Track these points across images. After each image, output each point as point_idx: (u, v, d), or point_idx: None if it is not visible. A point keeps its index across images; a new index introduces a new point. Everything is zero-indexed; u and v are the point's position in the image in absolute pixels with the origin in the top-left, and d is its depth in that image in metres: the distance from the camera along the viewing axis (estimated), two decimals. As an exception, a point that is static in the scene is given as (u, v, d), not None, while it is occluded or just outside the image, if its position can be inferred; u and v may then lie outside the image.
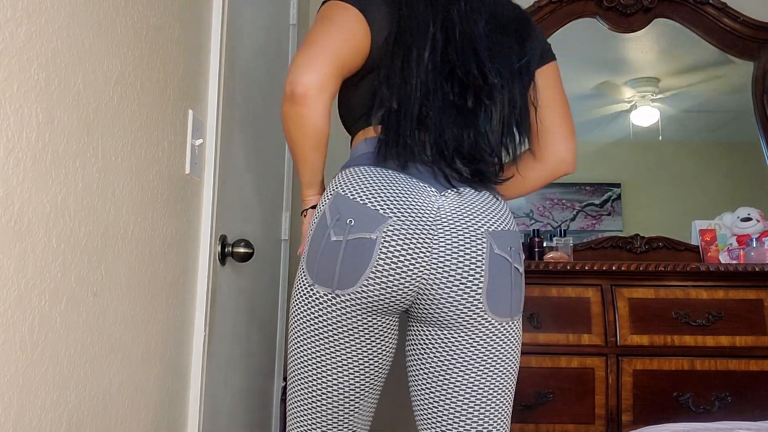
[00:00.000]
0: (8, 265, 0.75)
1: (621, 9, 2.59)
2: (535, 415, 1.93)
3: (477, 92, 1.14)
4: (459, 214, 1.09)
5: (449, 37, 1.15)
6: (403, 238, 1.06)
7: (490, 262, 1.09)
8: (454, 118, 1.13)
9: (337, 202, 1.11)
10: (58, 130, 0.84)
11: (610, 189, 2.58)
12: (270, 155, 1.91)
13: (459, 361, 1.11)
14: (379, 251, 1.06)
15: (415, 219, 1.07)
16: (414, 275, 1.07)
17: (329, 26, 1.14)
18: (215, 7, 1.40)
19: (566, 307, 1.98)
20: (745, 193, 2.53)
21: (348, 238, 1.07)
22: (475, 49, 1.15)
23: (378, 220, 1.07)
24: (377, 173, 1.12)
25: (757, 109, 2.55)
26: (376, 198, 1.08)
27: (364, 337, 1.10)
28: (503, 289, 1.10)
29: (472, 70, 1.13)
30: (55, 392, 0.85)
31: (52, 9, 0.82)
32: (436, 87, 1.12)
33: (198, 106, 1.33)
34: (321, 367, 1.12)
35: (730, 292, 1.98)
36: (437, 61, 1.13)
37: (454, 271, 1.07)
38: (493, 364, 1.11)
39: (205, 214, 1.37)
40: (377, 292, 1.07)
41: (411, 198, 1.09)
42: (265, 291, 1.89)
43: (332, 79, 1.10)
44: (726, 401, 1.91)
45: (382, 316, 1.10)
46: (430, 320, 1.12)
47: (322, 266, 1.09)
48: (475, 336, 1.10)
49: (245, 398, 1.70)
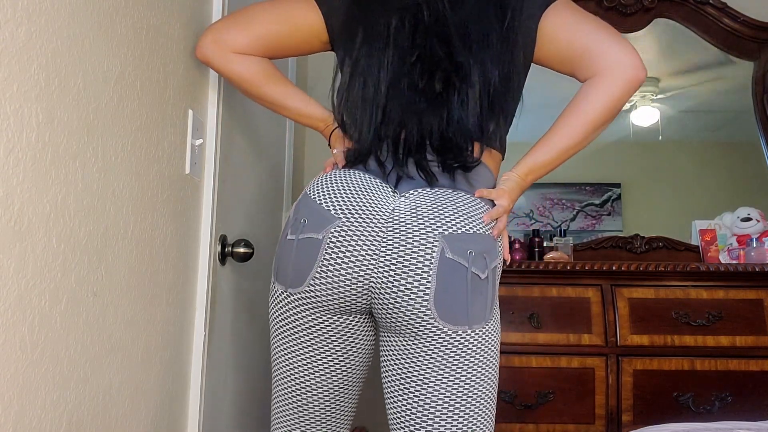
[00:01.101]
0: (8, 265, 0.75)
1: (621, 9, 2.59)
2: (535, 415, 1.93)
3: (446, 75, 1.06)
4: (412, 216, 1.04)
5: (417, 21, 1.10)
6: (349, 239, 1.04)
7: (440, 266, 1.02)
8: (423, 107, 1.07)
9: (300, 202, 1.12)
10: (58, 130, 0.84)
11: (610, 189, 2.58)
12: (270, 155, 1.91)
13: (418, 370, 1.05)
14: (324, 251, 1.05)
15: (365, 220, 1.05)
16: (360, 277, 1.04)
17: (273, 4, 1.21)
18: (215, 7, 1.40)
19: (566, 307, 1.98)
20: (745, 193, 2.53)
21: (299, 237, 1.07)
22: (445, 28, 1.08)
23: (327, 221, 1.06)
24: (342, 174, 1.11)
25: (757, 109, 2.55)
26: (331, 198, 1.08)
27: (321, 335, 1.09)
28: (457, 296, 1.02)
29: (437, 51, 1.07)
30: (55, 392, 0.85)
31: (52, 9, 0.82)
32: (401, 76, 1.08)
33: (198, 106, 1.33)
34: (288, 364, 1.13)
35: (730, 292, 1.98)
36: (404, 48, 1.08)
37: (399, 275, 1.03)
38: (456, 376, 1.03)
39: (205, 214, 1.37)
40: (323, 291, 1.05)
41: (365, 199, 1.06)
42: (265, 291, 1.89)
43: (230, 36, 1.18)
44: (726, 401, 1.91)
45: (339, 315, 1.08)
46: (388, 327, 1.08)
47: (280, 264, 1.11)
48: (428, 344, 1.03)
49: (245, 398, 1.70)
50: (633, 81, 1.07)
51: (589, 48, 1.09)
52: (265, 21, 1.19)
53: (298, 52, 1.27)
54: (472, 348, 1.04)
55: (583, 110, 1.09)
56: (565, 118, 1.11)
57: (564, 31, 1.12)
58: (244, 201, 1.64)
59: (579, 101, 1.11)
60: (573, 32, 1.12)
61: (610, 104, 1.08)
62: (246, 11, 1.21)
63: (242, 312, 1.65)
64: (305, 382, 1.13)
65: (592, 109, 1.09)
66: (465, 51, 1.07)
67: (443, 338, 1.03)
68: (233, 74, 1.21)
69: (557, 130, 1.12)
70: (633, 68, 1.07)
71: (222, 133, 1.42)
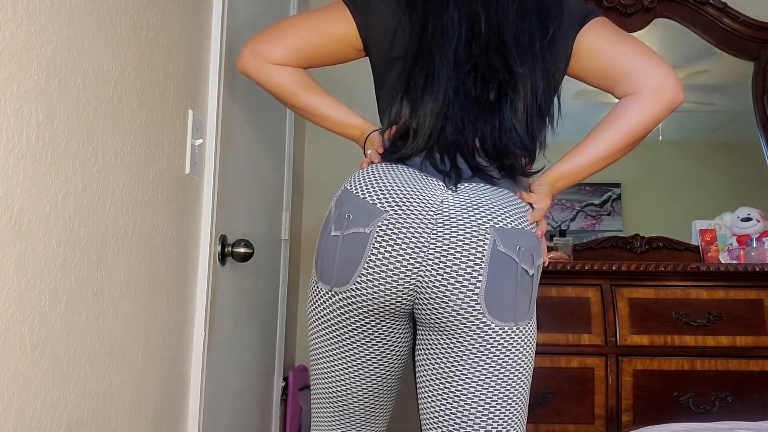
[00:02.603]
0: (8, 265, 0.75)
1: (621, 9, 2.59)
2: (534, 415, 1.93)
3: (500, 85, 1.10)
4: (463, 209, 1.04)
5: (474, 32, 1.11)
6: (397, 232, 1.03)
7: (492, 259, 1.02)
8: (476, 114, 1.09)
9: (342, 197, 1.10)
10: (58, 130, 0.84)
11: (609, 189, 2.58)
12: (270, 155, 1.91)
13: (458, 368, 1.04)
14: (372, 246, 1.03)
15: (413, 213, 1.03)
16: (408, 271, 1.03)
17: (307, 16, 1.23)
18: (215, 7, 1.40)
19: (566, 307, 1.98)
20: (745, 193, 2.53)
21: (345, 233, 1.05)
22: (502, 41, 1.10)
23: (374, 214, 1.04)
24: (385, 168, 1.10)
25: (757, 109, 2.55)
26: (376, 192, 1.06)
27: (366, 338, 1.08)
28: (506, 290, 1.03)
29: (495, 63, 1.09)
30: (55, 392, 0.85)
31: (52, 9, 0.82)
32: (458, 85, 1.10)
33: (198, 106, 1.33)
34: (327, 365, 1.12)
35: (730, 292, 1.98)
36: (460, 58, 1.10)
37: (450, 268, 1.02)
38: (495, 373, 1.03)
39: (205, 214, 1.37)
40: (369, 289, 1.03)
41: (413, 192, 1.05)
42: (265, 291, 1.89)
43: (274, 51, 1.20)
44: (726, 401, 1.91)
45: (381, 318, 1.07)
46: (431, 324, 1.06)
47: (324, 262, 1.08)
48: (473, 341, 1.03)
49: (245, 398, 1.70)
50: (673, 103, 1.11)
51: (634, 67, 1.13)
52: (300, 32, 1.22)
53: (334, 61, 1.28)
54: (515, 345, 1.04)
55: (621, 124, 1.13)
56: (602, 130, 1.14)
57: (606, 48, 1.16)
58: (244, 201, 1.64)
59: (618, 115, 1.13)
60: (615, 50, 1.15)
61: (649, 122, 1.12)
62: (282, 24, 1.25)
63: (242, 312, 1.65)
64: (345, 386, 1.12)
65: (633, 124, 1.12)
66: (519, 62, 1.10)
67: (488, 334, 1.03)
68: (270, 85, 1.23)
69: (592, 140, 1.15)
70: (675, 91, 1.11)
71: (222, 133, 1.42)
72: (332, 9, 1.22)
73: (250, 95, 1.67)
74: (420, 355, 1.11)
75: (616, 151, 1.14)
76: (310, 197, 2.58)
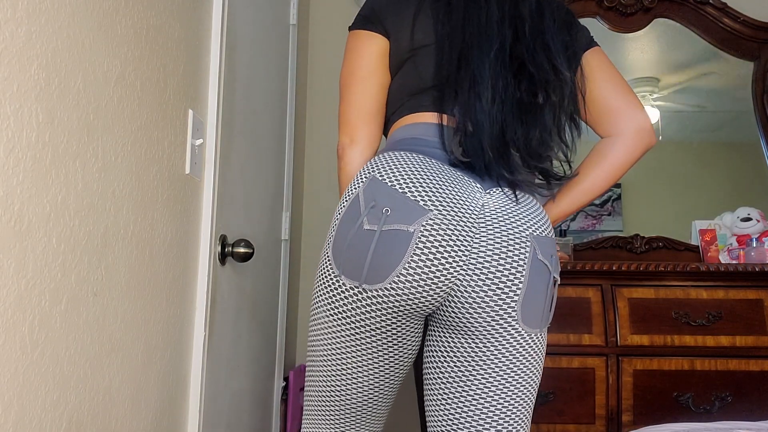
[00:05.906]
0: (8, 265, 0.75)
1: (621, 9, 2.59)
2: (535, 415, 1.93)
3: (545, 87, 1.09)
4: (504, 214, 1.03)
5: (518, 34, 1.10)
6: (443, 233, 0.99)
7: (532, 268, 1.02)
8: (520, 116, 1.08)
9: (372, 187, 1.04)
10: (58, 130, 0.84)
11: (610, 189, 2.58)
12: (270, 155, 1.91)
13: (481, 373, 1.03)
14: (414, 246, 0.98)
15: (458, 215, 1.00)
16: (448, 273, 1.00)
17: (350, 79, 1.18)
18: (215, 7, 1.40)
19: (566, 307, 1.98)
20: (745, 193, 2.53)
21: (383, 229, 0.99)
22: (546, 44, 1.10)
23: (417, 212, 0.99)
24: (420, 161, 1.05)
25: (757, 109, 2.55)
26: (417, 188, 1.01)
27: (387, 338, 1.05)
28: (539, 299, 1.03)
29: (544, 64, 1.09)
30: (55, 392, 0.85)
31: (52, 9, 0.82)
32: (504, 84, 1.08)
33: (198, 106, 1.33)
34: (341, 363, 1.07)
35: (730, 292, 1.98)
36: (505, 59, 1.09)
37: (492, 274, 1.00)
38: (517, 378, 1.04)
39: (205, 214, 1.37)
40: (407, 290, 0.99)
41: (455, 192, 1.02)
42: (265, 291, 1.89)
43: (363, 130, 1.15)
44: (726, 401, 1.91)
45: (406, 319, 1.04)
46: (455, 326, 1.04)
47: (351, 256, 1.02)
48: (501, 347, 1.02)
49: (245, 398, 1.70)
50: (649, 146, 1.20)
51: (619, 108, 1.19)
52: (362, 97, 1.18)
53: (389, 75, 1.23)
54: (538, 350, 1.06)
55: (606, 167, 1.20)
56: (591, 171, 1.20)
57: (598, 80, 1.20)
58: (244, 201, 1.64)
59: (603, 159, 1.20)
60: (606, 85, 1.20)
61: (629, 164, 1.21)
62: (344, 96, 1.19)
63: (242, 312, 1.65)
64: (348, 384, 1.09)
65: (618, 166, 1.20)
66: (565, 65, 1.12)
67: (516, 340, 1.03)
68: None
69: (580, 182, 1.20)
70: (651, 135, 1.20)
71: (222, 133, 1.42)
72: (362, 51, 1.17)
73: (250, 95, 1.67)
74: (432, 356, 1.09)
75: (601, 191, 1.22)
76: (310, 197, 2.58)
